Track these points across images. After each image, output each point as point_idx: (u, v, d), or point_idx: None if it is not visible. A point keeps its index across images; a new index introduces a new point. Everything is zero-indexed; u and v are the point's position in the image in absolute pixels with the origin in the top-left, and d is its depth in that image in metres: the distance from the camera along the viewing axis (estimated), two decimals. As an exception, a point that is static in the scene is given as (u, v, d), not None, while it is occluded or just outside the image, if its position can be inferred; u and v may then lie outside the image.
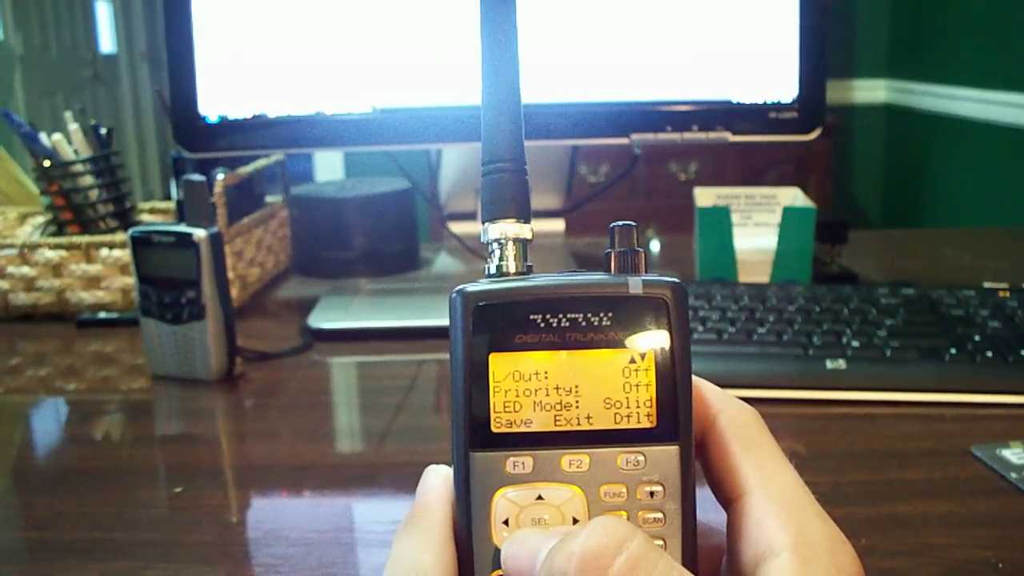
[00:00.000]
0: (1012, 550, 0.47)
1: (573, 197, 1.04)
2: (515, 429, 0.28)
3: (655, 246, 1.22)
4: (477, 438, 0.28)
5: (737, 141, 0.81)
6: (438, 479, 0.29)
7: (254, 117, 0.81)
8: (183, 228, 0.72)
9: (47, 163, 0.96)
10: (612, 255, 0.29)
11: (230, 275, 0.81)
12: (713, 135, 0.81)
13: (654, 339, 0.28)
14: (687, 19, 0.80)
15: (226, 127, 0.81)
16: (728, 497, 0.29)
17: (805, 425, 0.64)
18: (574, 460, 0.28)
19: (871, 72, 3.35)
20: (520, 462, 0.28)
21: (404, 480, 0.57)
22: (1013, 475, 0.54)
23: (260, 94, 0.80)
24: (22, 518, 0.56)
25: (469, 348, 0.28)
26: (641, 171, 2.96)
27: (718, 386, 0.31)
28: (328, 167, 3.57)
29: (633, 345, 0.28)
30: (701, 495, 0.28)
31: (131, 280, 0.90)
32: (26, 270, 0.92)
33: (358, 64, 0.80)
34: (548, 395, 0.28)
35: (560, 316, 0.28)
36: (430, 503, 0.29)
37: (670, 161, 3.01)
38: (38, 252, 0.92)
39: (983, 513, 0.51)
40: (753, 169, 3.01)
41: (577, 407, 0.28)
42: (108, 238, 0.92)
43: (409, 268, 1.06)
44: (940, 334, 0.69)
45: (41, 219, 1.03)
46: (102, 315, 0.91)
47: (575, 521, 0.27)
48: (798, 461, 0.58)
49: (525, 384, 0.28)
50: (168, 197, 1.35)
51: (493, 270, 0.30)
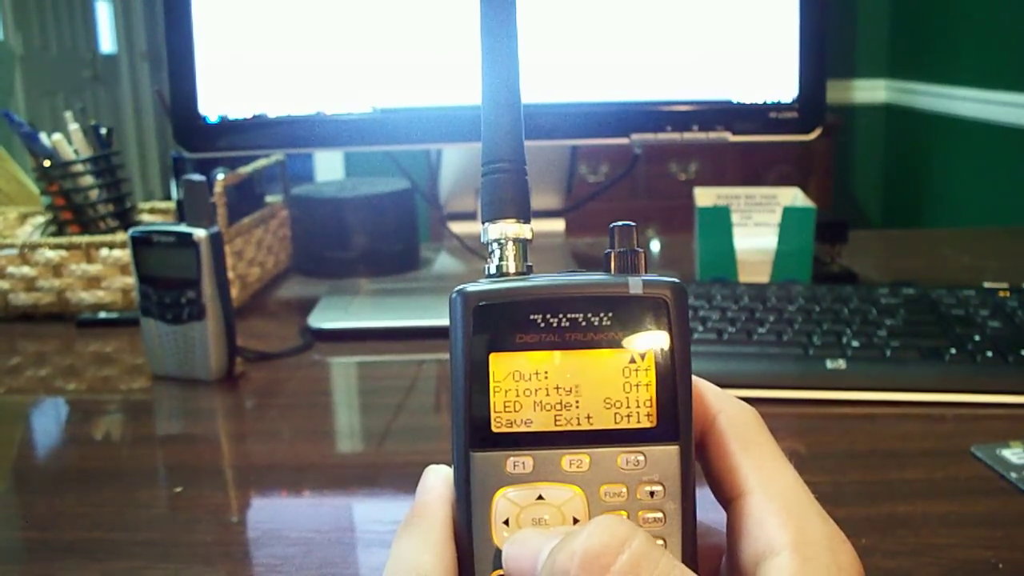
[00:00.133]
0: (1012, 550, 0.47)
1: (573, 197, 1.04)
2: (515, 429, 0.28)
3: (655, 246, 1.22)
4: (477, 438, 0.28)
5: (737, 141, 0.81)
6: (438, 479, 0.29)
7: (254, 117, 0.81)
8: (183, 228, 0.72)
9: (47, 163, 0.96)
10: (612, 255, 0.29)
11: (230, 275, 0.81)
12: (713, 135, 0.81)
13: (654, 339, 0.28)
14: (687, 19, 0.80)
15: (226, 127, 0.81)
16: (728, 497, 0.29)
17: (805, 425, 0.64)
18: (574, 460, 0.28)
19: (871, 72, 3.35)
20: (520, 462, 0.28)
21: (404, 480, 0.57)
22: (1013, 475, 0.54)
23: (260, 94, 0.80)
24: (22, 518, 0.56)
25: (469, 348, 0.28)
26: (641, 171, 2.96)
27: (718, 386, 0.31)
28: (328, 167, 3.58)
29: (633, 345, 0.28)
30: (701, 495, 0.28)
31: (131, 280, 0.90)
32: (26, 270, 0.92)
33: (358, 64, 0.80)
34: (548, 395, 0.28)
35: (560, 316, 0.28)
36: (430, 503, 0.29)
37: (670, 161, 3.01)
38: (38, 252, 0.92)
39: (983, 513, 0.51)
40: (753, 169, 3.01)
41: (577, 407, 0.28)
42: (108, 238, 0.92)
43: (409, 268, 1.06)
44: (940, 334, 0.69)
45: (41, 219, 1.03)
46: (102, 315, 0.91)
47: (575, 521, 0.27)
48: (798, 461, 0.58)
49: (525, 384, 0.28)
50: (168, 197, 1.34)
51: (493, 270, 0.30)
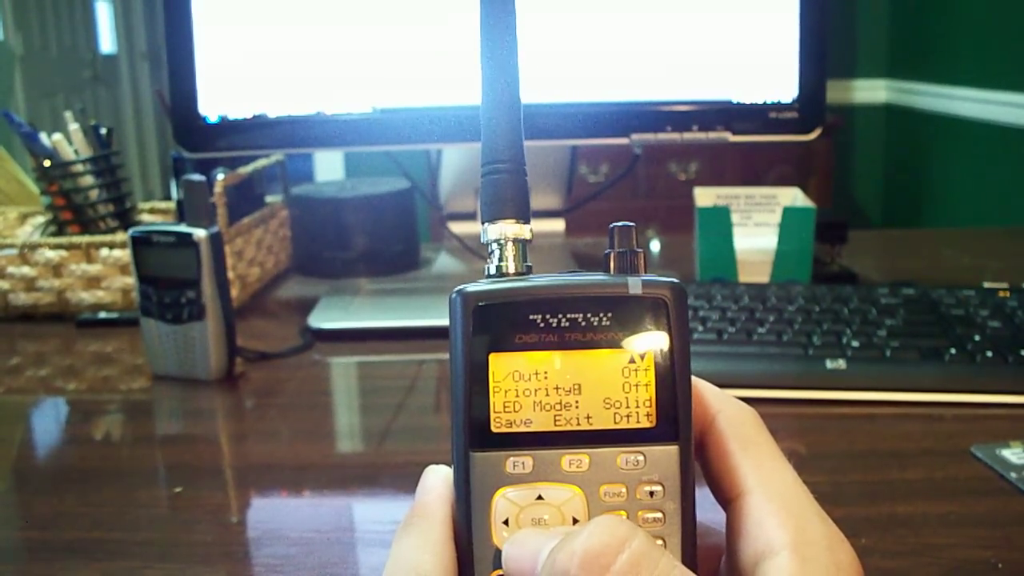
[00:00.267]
0: (1012, 550, 0.47)
1: (573, 197, 1.04)
2: (515, 429, 0.28)
3: (655, 246, 1.22)
4: (477, 438, 0.28)
5: (737, 141, 0.81)
6: (438, 479, 0.29)
7: (254, 117, 0.81)
8: (183, 228, 0.72)
9: (47, 163, 0.96)
10: (611, 255, 0.29)
11: (230, 275, 0.81)
12: (713, 135, 0.81)
13: (654, 339, 0.28)
14: (687, 19, 0.80)
15: (226, 127, 0.81)
16: (727, 497, 0.29)
17: (805, 425, 0.64)
18: (574, 460, 0.28)
19: (871, 72, 3.36)
20: (520, 462, 0.28)
21: (404, 480, 0.57)
22: (1013, 475, 0.54)
23: (260, 94, 0.80)
24: (22, 518, 0.56)
25: (469, 348, 0.28)
26: (641, 171, 2.97)
27: (718, 386, 0.31)
28: (328, 167, 3.58)
29: (633, 345, 0.28)
30: (700, 495, 0.28)
31: (131, 280, 0.90)
32: (26, 270, 0.92)
33: (358, 64, 0.80)
34: (548, 395, 0.28)
35: (560, 316, 0.28)
36: (430, 503, 0.29)
37: (670, 161, 3.01)
38: (38, 252, 0.92)
39: (983, 513, 0.51)
40: (753, 169, 3.01)
41: (577, 407, 0.28)
42: (108, 238, 0.92)
43: (409, 268, 1.06)
44: (940, 334, 0.69)
45: (41, 219, 1.03)
46: (102, 315, 0.91)
47: (575, 521, 0.27)
48: (798, 461, 0.58)
49: (525, 384, 0.28)
50: (168, 197, 1.35)
51: (493, 270, 0.30)
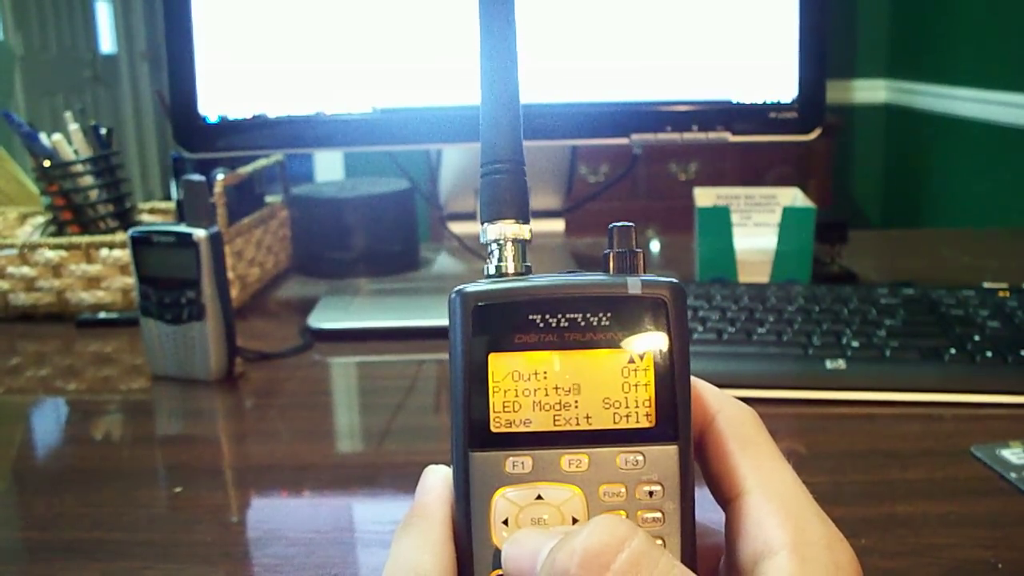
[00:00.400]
0: (1012, 550, 0.47)
1: (573, 197, 1.04)
2: (514, 429, 0.28)
3: (655, 246, 1.22)
4: (476, 438, 0.28)
5: (737, 141, 0.81)
6: (437, 479, 0.29)
7: (254, 117, 0.81)
8: (183, 228, 0.72)
9: (47, 163, 0.96)
10: (611, 255, 0.29)
11: (230, 275, 0.81)
12: (713, 135, 0.81)
13: (653, 339, 0.28)
14: (687, 19, 0.80)
15: (226, 127, 0.81)
16: (726, 497, 0.29)
17: (805, 425, 0.64)
18: (573, 460, 0.28)
19: (871, 72, 3.36)
20: (519, 462, 0.28)
21: (404, 480, 0.57)
22: (1013, 475, 0.54)
23: (260, 94, 0.80)
24: (22, 518, 0.56)
25: (468, 348, 0.28)
26: (641, 171, 2.97)
27: (718, 386, 0.31)
28: (328, 167, 3.58)
29: (632, 345, 0.28)
30: (699, 495, 0.28)
31: (131, 280, 0.90)
32: (26, 270, 0.92)
33: (358, 64, 0.80)
34: (547, 395, 0.28)
35: (559, 316, 0.28)
36: (429, 503, 0.29)
37: (670, 161, 3.01)
38: (38, 252, 0.92)
39: (983, 513, 0.51)
40: (753, 169, 3.01)
41: (576, 407, 0.28)
42: (108, 238, 0.92)
43: (409, 268, 1.06)
44: (940, 334, 0.69)
45: (41, 219, 1.03)
46: (102, 315, 0.91)
47: (574, 521, 0.27)
48: (798, 461, 0.58)
49: (524, 384, 0.28)
50: (168, 197, 1.35)
51: (492, 270, 0.30)
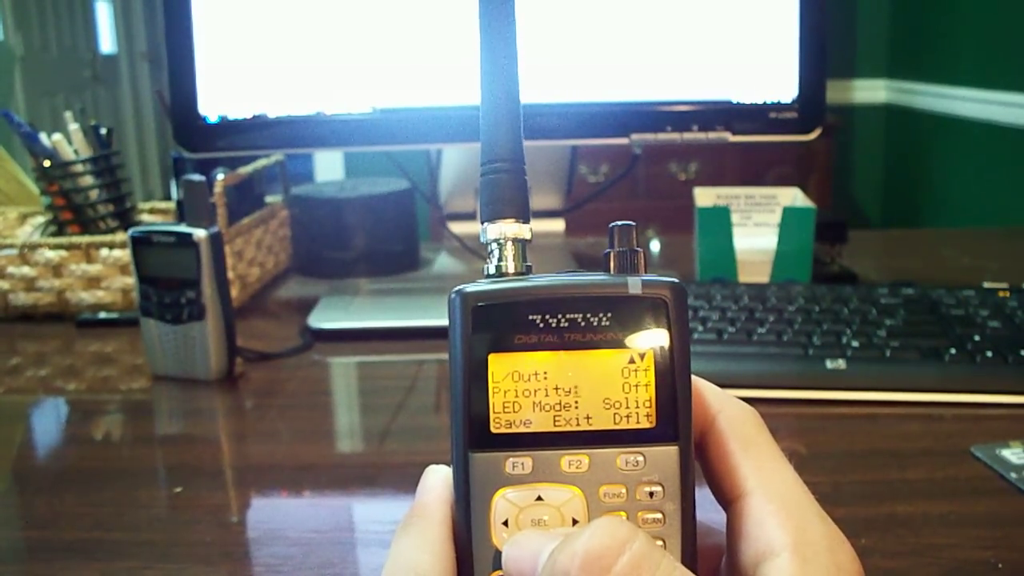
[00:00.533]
0: (1012, 550, 0.47)
1: (573, 197, 1.04)
2: (514, 430, 0.28)
3: (655, 246, 1.22)
4: (476, 439, 0.28)
5: (737, 141, 0.81)
6: (438, 479, 0.29)
7: (254, 117, 0.81)
8: (183, 228, 0.72)
9: (47, 163, 0.96)
10: (611, 255, 0.29)
11: (230, 275, 0.81)
12: (713, 135, 0.81)
13: (653, 339, 0.28)
14: (687, 19, 0.80)
15: (226, 127, 0.81)
16: (728, 498, 0.29)
17: (805, 425, 0.64)
18: (573, 461, 0.28)
19: (871, 72, 3.36)
20: (519, 463, 0.28)
21: (404, 480, 0.57)
22: (1013, 475, 0.54)
23: (260, 94, 0.80)
24: (22, 518, 0.56)
25: (468, 349, 0.28)
26: (641, 171, 2.97)
27: (718, 386, 0.31)
28: (328, 167, 3.58)
29: (632, 345, 0.28)
30: (700, 494, 0.28)
31: (131, 280, 0.90)
32: (26, 270, 0.92)
33: (358, 64, 0.80)
34: (547, 395, 0.28)
35: (559, 316, 0.28)
36: (429, 503, 0.29)
37: (670, 161, 3.01)
38: (38, 252, 0.92)
39: (983, 513, 0.51)
40: (753, 169, 3.01)
41: (576, 407, 0.28)
42: (108, 238, 0.92)
43: (409, 268, 1.06)
44: (940, 334, 0.69)
45: (41, 219, 1.03)
46: (102, 315, 0.91)
47: (575, 522, 0.27)
48: (798, 461, 0.58)
49: (524, 384, 0.28)
50: (168, 197, 1.34)
51: (492, 270, 0.30)
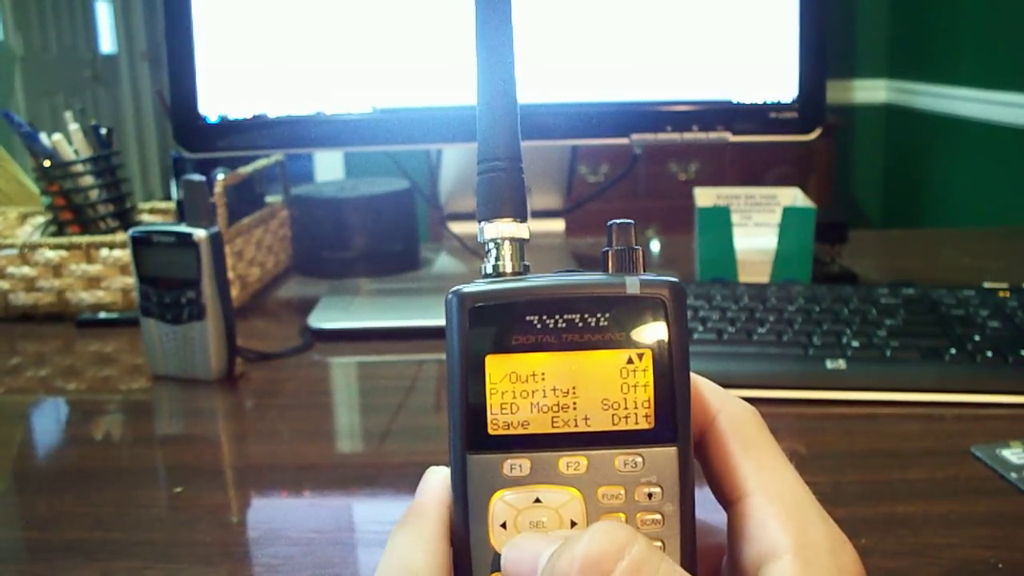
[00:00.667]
0: (1012, 550, 0.47)
1: (573, 197, 1.04)
2: (512, 431, 0.27)
3: (655, 246, 1.22)
4: (474, 440, 0.27)
5: (737, 141, 0.81)
6: (438, 480, 0.29)
7: (254, 117, 0.81)
8: (183, 228, 0.72)
9: (47, 163, 0.96)
10: (610, 253, 0.29)
11: (230, 275, 0.81)
12: (713, 135, 0.81)
13: (652, 339, 0.28)
14: (687, 19, 0.80)
15: (226, 127, 0.81)
16: (729, 498, 0.29)
17: (805, 425, 0.64)
18: (572, 462, 0.27)
19: (871, 72, 3.35)
20: (517, 464, 0.27)
21: (404, 480, 0.57)
22: (1013, 475, 0.54)
23: (260, 94, 0.80)
24: (22, 518, 0.56)
25: (465, 349, 0.27)
26: (641, 171, 2.96)
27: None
28: (328, 167, 3.58)
29: (631, 345, 0.28)
30: (701, 494, 0.28)
31: (131, 280, 0.90)
32: (26, 270, 0.92)
33: (358, 64, 0.80)
34: (545, 396, 0.27)
35: (557, 317, 0.28)
36: (426, 503, 0.29)
37: (670, 161, 3.01)
38: (38, 252, 0.92)
39: (983, 513, 0.51)
40: (753, 169, 3.01)
41: (574, 408, 0.28)
42: (108, 238, 0.92)
43: (409, 268, 1.06)
44: (940, 334, 0.69)
45: (41, 219, 1.03)
46: (102, 315, 0.91)
47: (573, 524, 0.27)
48: (798, 461, 0.58)
49: (522, 385, 0.27)
50: (168, 197, 1.34)
51: (489, 270, 0.30)
